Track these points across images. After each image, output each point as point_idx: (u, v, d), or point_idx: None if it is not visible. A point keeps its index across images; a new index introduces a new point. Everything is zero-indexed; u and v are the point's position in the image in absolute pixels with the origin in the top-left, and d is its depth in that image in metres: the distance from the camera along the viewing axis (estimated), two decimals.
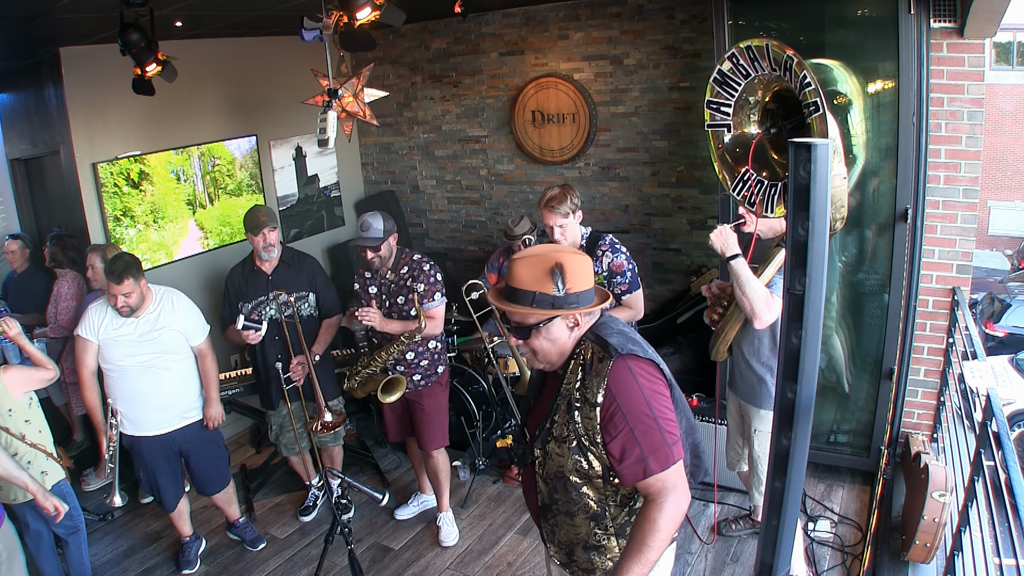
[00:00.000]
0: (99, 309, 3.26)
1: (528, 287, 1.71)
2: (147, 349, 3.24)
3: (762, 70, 2.25)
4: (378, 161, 6.15)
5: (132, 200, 4.45)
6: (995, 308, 9.74)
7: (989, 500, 2.24)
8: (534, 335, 1.75)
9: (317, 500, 4.09)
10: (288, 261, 3.71)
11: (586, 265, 1.76)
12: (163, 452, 3.35)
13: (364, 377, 3.47)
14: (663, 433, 1.65)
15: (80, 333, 3.24)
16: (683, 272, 4.99)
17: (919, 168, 3.41)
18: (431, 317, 3.36)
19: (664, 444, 1.64)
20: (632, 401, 1.65)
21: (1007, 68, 15.05)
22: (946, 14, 3.24)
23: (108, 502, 3.27)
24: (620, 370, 1.68)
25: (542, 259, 1.71)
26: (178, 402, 3.36)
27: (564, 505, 1.82)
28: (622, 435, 1.65)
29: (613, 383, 1.67)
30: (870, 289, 3.74)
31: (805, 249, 1.14)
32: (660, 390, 1.71)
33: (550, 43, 5.05)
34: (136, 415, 3.27)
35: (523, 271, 1.72)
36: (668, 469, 1.64)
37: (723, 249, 2.67)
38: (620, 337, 1.74)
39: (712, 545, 3.48)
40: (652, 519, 1.63)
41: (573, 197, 3.15)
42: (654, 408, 1.66)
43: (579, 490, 1.77)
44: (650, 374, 1.71)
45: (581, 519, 1.81)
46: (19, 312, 4.42)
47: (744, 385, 3.03)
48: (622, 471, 1.67)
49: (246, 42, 5.00)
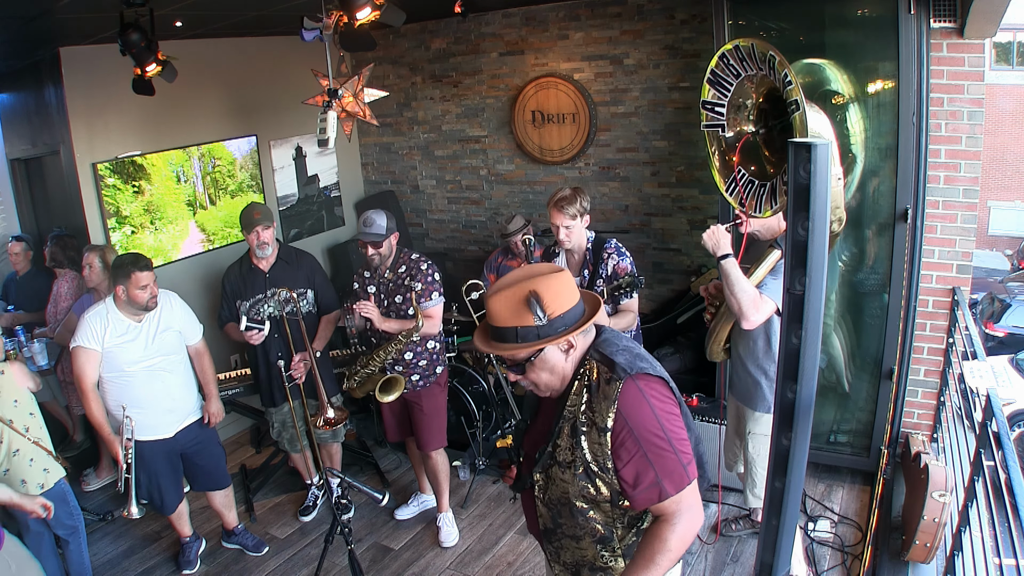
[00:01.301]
0: (97, 317, 3.13)
1: (508, 323, 1.61)
2: (156, 351, 3.21)
3: (751, 69, 2.25)
4: (378, 161, 6.15)
5: (123, 198, 4.44)
6: (995, 308, 9.74)
7: (989, 500, 2.24)
8: (529, 369, 1.66)
9: (317, 500, 4.09)
10: (286, 259, 3.72)
11: (563, 283, 1.64)
12: (165, 455, 3.33)
13: (363, 377, 3.47)
14: (677, 454, 1.59)
15: (82, 344, 3.08)
16: (683, 272, 4.99)
17: (919, 168, 3.41)
18: (429, 316, 3.36)
19: (679, 465, 1.59)
20: (644, 424, 1.58)
21: (1007, 68, 15.04)
22: (946, 14, 3.24)
23: (125, 514, 3.12)
24: (630, 392, 1.60)
25: (515, 290, 1.61)
26: (182, 404, 3.36)
27: (569, 529, 1.74)
28: (635, 460, 1.58)
29: (624, 406, 1.59)
30: (870, 289, 3.74)
31: (805, 249, 1.14)
32: (671, 409, 1.64)
33: (550, 43, 5.05)
34: (143, 420, 3.20)
35: (498, 307, 1.63)
36: (683, 491, 1.59)
37: (714, 249, 2.67)
38: (627, 355, 1.66)
39: (712, 545, 3.48)
40: (663, 538, 1.59)
41: (583, 200, 3.15)
42: (667, 429, 1.59)
43: (585, 515, 1.70)
44: (661, 393, 1.64)
45: (587, 543, 1.74)
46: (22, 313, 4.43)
47: (741, 387, 3.03)
48: (635, 496, 1.61)
49: (246, 42, 5.00)
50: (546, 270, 1.67)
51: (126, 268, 3.11)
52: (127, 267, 3.11)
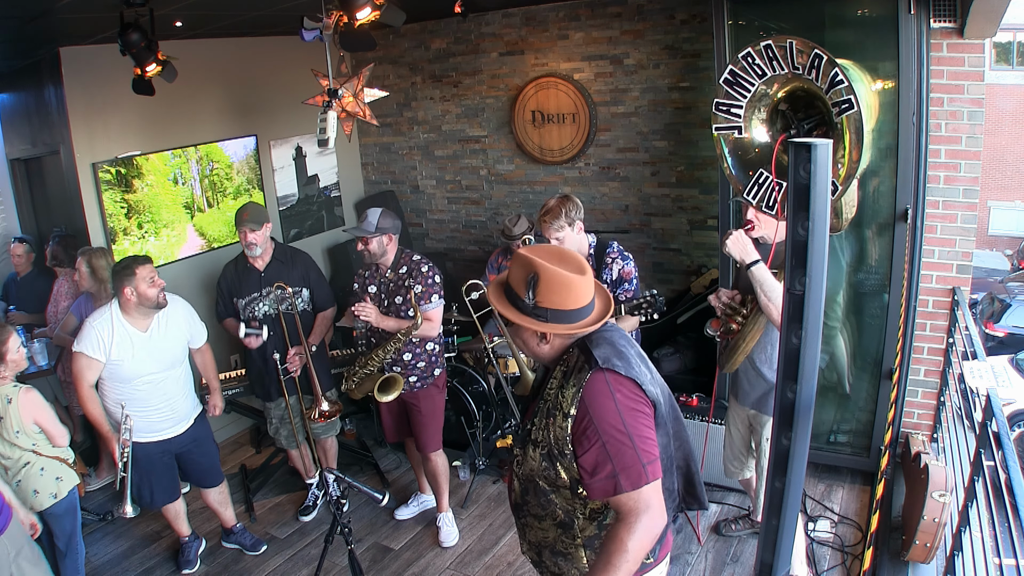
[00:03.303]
0: (105, 325, 3.07)
1: (513, 287, 1.73)
2: (161, 365, 3.20)
3: (781, 69, 2.22)
4: (378, 161, 6.15)
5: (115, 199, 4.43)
6: (995, 308, 9.73)
7: (989, 500, 2.24)
8: (512, 329, 1.80)
9: (317, 500, 4.09)
10: (280, 258, 3.74)
11: (571, 283, 1.66)
12: (159, 456, 3.32)
13: (362, 377, 3.48)
14: (637, 451, 1.58)
15: (85, 351, 3.03)
16: (683, 272, 4.99)
17: (919, 168, 3.41)
18: (428, 319, 3.37)
19: (637, 462, 1.58)
20: (605, 416, 1.60)
21: (1007, 68, 15.05)
22: (946, 14, 3.24)
23: (120, 512, 3.13)
24: (596, 383, 1.62)
25: (528, 264, 1.68)
26: (182, 407, 3.37)
27: (534, 508, 1.80)
28: (594, 449, 1.60)
29: (588, 395, 1.62)
30: (870, 289, 3.74)
31: (805, 249, 1.14)
32: (638, 407, 1.64)
33: (550, 43, 5.05)
34: (142, 424, 3.19)
35: (513, 267, 1.74)
36: (640, 488, 1.58)
37: (742, 256, 2.59)
38: (608, 349, 1.67)
39: (712, 545, 3.48)
40: (620, 539, 1.57)
41: (570, 210, 3.09)
42: (628, 425, 1.60)
43: (547, 496, 1.75)
44: (629, 391, 1.64)
45: (549, 524, 1.79)
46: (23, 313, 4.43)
47: (754, 394, 2.94)
48: (591, 485, 1.62)
49: (246, 42, 5.00)
50: (572, 266, 1.70)
51: (128, 268, 3.06)
52: (128, 267, 3.06)
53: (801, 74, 2.16)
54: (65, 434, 3.02)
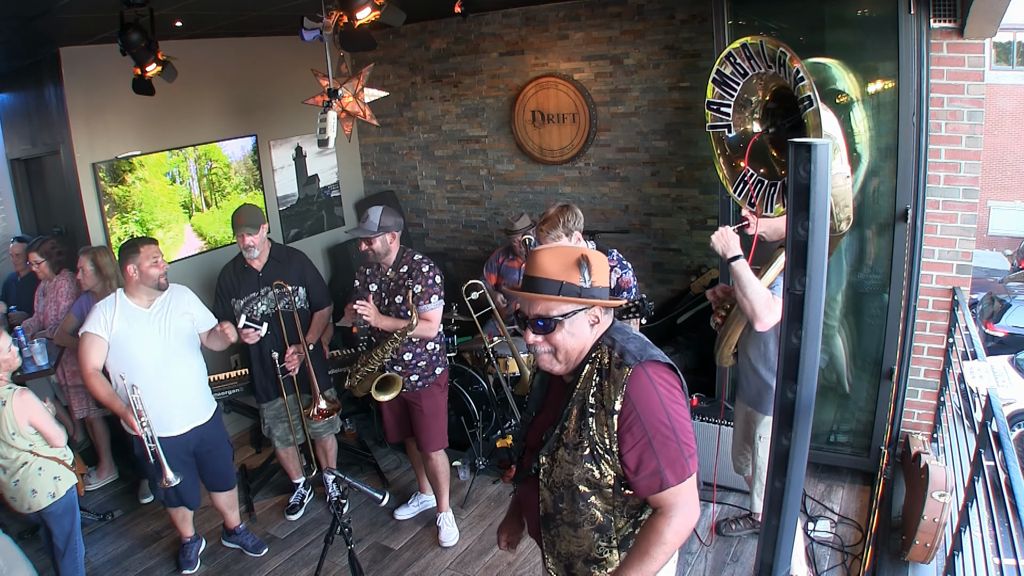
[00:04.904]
0: (107, 304, 3.16)
1: (555, 277, 1.66)
2: (169, 340, 3.21)
3: (759, 68, 2.24)
4: (378, 161, 6.15)
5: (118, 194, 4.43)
6: (995, 308, 9.73)
7: (989, 500, 2.24)
8: (557, 328, 1.68)
9: (304, 499, 4.10)
10: (277, 258, 3.75)
11: (605, 263, 1.74)
12: (178, 454, 3.29)
13: (363, 375, 3.48)
14: (680, 445, 1.61)
15: (89, 330, 3.10)
16: (683, 272, 4.99)
17: (919, 168, 3.41)
18: (427, 319, 3.36)
19: (681, 456, 1.61)
20: (651, 411, 1.61)
21: (1007, 68, 15.04)
22: (946, 14, 3.24)
23: (163, 483, 3.12)
24: (639, 378, 1.63)
25: (567, 251, 1.69)
26: (195, 399, 3.36)
27: (569, 516, 1.75)
28: (640, 445, 1.61)
29: (632, 391, 1.62)
30: (870, 289, 3.74)
31: (805, 249, 1.14)
32: (678, 399, 1.67)
33: (550, 43, 5.05)
34: (158, 417, 3.17)
35: (547, 261, 1.68)
36: (683, 482, 1.61)
37: (724, 251, 2.65)
38: (638, 342, 1.70)
39: (712, 545, 3.48)
40: (659, 531, 1.61)
41: (568, 220, 3.10)
42: (673, 418, 1.62)
43: (587, 500, 1.71)
44: (668, 382, 1.67)
45: (586, 530, 1.74)
46: None
47: (751, 390, 3.00)
48: (637, 482, 1.63)
49: (246, 42, 5.00)
50: (589, 250, 1.75)
51: (133, 246, 3.15)
52: (134, 245, 3.15)
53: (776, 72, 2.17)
54: (62, 434, 3.03)
